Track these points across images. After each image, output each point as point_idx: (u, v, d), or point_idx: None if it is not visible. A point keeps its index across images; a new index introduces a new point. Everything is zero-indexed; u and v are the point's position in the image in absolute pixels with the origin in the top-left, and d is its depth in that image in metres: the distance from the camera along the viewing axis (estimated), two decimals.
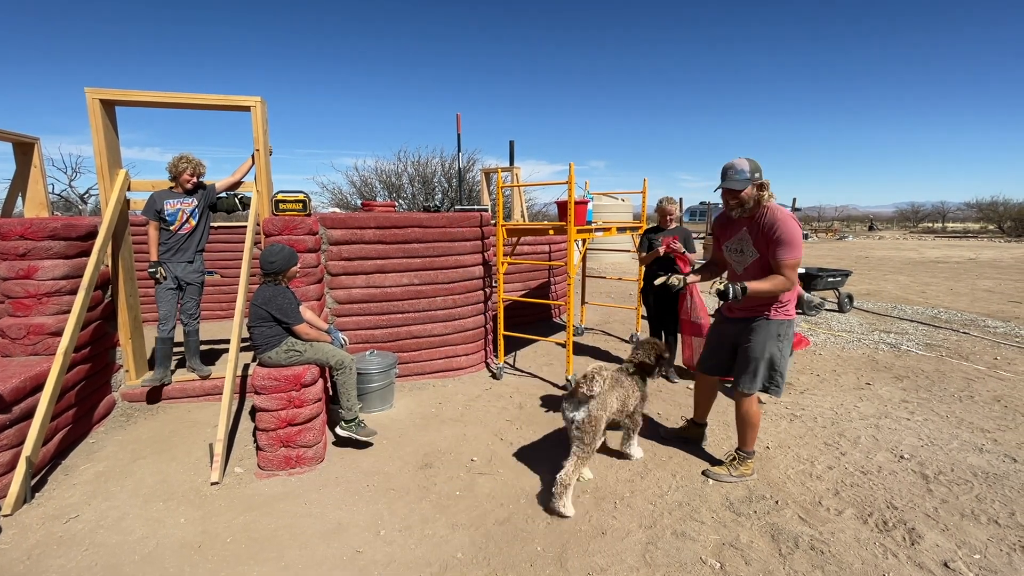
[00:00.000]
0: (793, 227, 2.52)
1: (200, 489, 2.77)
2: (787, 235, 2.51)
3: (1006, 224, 25.44)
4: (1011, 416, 3.66)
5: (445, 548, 2.31)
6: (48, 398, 2.82)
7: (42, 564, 2.19)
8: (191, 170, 3.80)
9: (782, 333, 2.71)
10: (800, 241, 2.55)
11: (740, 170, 2.57)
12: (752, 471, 2.87)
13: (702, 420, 3.29)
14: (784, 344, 2.72)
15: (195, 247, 3.92)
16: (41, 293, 3.28)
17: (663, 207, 4.50)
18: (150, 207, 3.79)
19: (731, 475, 2.84)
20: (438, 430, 3.52)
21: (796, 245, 2.53)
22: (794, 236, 2.52)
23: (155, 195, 3.82)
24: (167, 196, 3.81)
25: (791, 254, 2.53)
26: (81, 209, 16.41)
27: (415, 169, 15.08)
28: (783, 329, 2.71)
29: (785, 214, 2.55)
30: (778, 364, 2.74)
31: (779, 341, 2.71)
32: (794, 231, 2.52)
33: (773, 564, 2.18)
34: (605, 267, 13.00)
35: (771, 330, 2.70)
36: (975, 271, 11.65)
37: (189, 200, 3.86)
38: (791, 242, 2.52)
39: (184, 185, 3.82)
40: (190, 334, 3.98)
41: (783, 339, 2.72)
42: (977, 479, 2.82)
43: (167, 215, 3.78)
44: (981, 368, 4.76)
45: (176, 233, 3.83)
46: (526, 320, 6.59)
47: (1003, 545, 2.28)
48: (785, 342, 2.73)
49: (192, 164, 3.81)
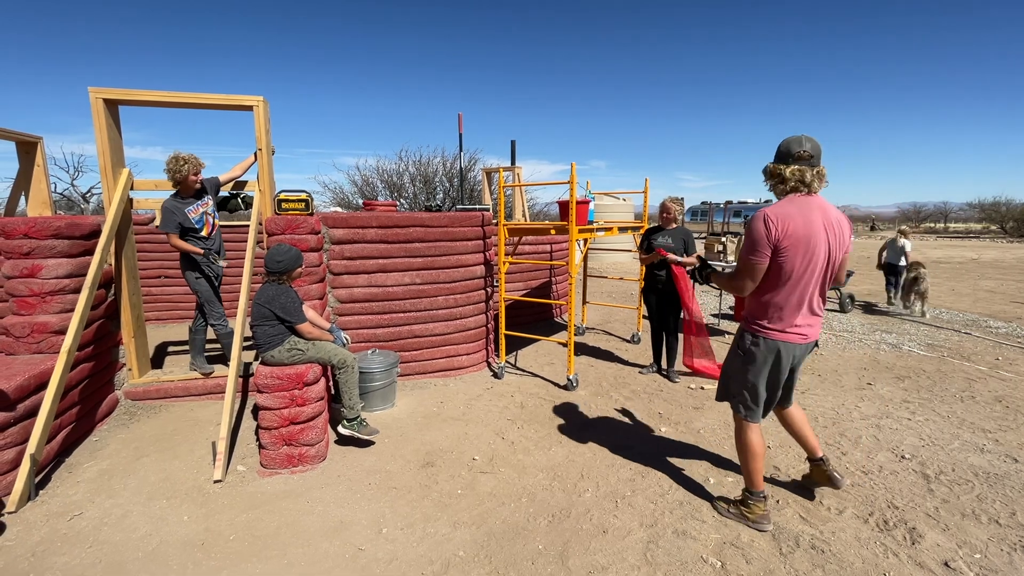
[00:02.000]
0: (755, 225, 2.17)
1: (203, 487, 2.78)
2: (747, 229, 2.23)
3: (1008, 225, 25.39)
4: (1012, 416, 3.66)
5: (447, 546, 2.32)
6: (52, 396, 2.83)
7: (46, 561, 2.20)
8: (193, 169, 3.78)
9: (741, 346, 2.38)
10: (752, 241, 2.18)
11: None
12: (758, 517, 2.41)
13: (813, 455, 2.66)
14: (743, 360, 2.36)
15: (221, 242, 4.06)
16: (45, 292, 3.30)
17: (667, 206, 4.49)
18: (170, 221, 3.71)
19: (728, 511, 2.52)
20: (440, 429, 3.53)
21: (748, 244, 2.21)
22: (750, 233, 2.20)
23: (170, 207, 3.73)
24: (183, 205, 3.77)
25: (744, 250, 2.24)
26: (83, 208, 16.46)
27: (417, 169, 15.10)
28: (743, 342, 2.37)
29: (761, 212, 2.20)
30: (730, 378, 2.44)
31: (737, 352, 2.40)
32: (753, 228, 2.18)
33: (774, 563, 2.19)
34: (606, 267, 13.01)
35: (736, 339, 2.45)
36: (977, 271, 11.64)
37: (205, 200, 3.90)
38: (745, 237, 2.24)
39: (192, 187, 3.82)
40: (197, 331, 4.01)
41: (741, 353, 2.38)
42: (978, 479, 2.82)
43: (195, 223, 3.80)
44: (983, 368, 4.76)
45: (209, 237, 3.91)
46: (527, 320, 6.59)
47: (1004, 545, 2.28)
48: (744, 358, 2.36)
49: (191, 164, 3.75)
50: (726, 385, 2.51)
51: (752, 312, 2.34)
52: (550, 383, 4.46)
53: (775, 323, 2.26)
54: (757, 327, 2.31)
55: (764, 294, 2.26)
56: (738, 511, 2.48)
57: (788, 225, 2.11)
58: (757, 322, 2.31)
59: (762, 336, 2.29)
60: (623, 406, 3.94)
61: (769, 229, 2.12)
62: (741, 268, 2.25)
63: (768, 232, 2.13)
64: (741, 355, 2.38)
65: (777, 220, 2.12)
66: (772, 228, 2.12)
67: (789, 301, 2.22)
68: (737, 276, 2.28)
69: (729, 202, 23.02)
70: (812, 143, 2.18)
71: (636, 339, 5.84)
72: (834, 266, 2.25)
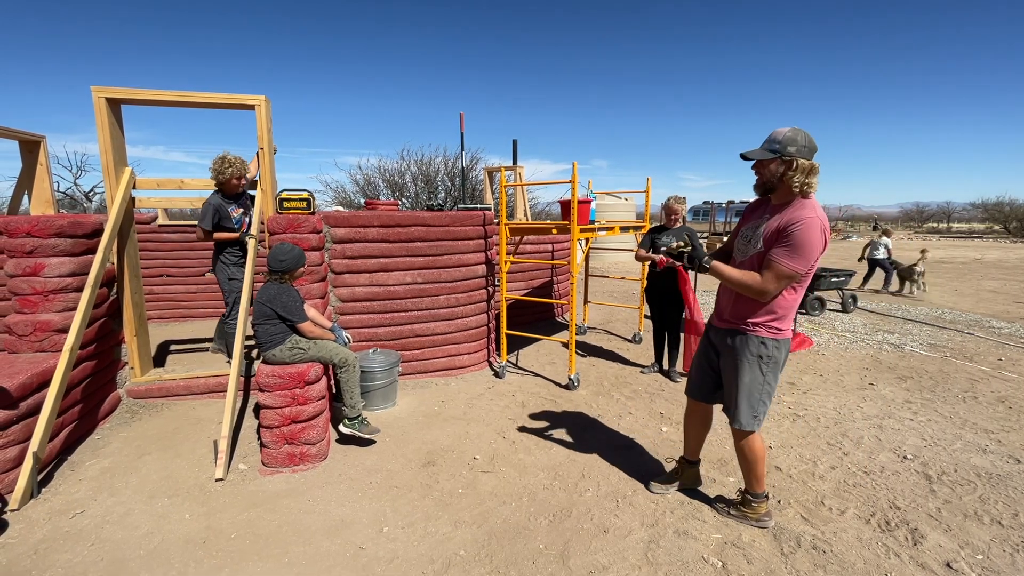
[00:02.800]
0: (813, 235, 2.00)
1: (204, 485, 2.78)
2: (799, 238, 2.00)
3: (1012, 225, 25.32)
4: (1015, 417, 3.64)
5: (448, 545, 2.32)
6: (54, 394, 2.84)
7: (48, 559, 2.21)
8: (237, 173, 3.90)
9: (764, 355, 2.20)
10: (812, 254, 2.02)
11: (772, 139, 2.10)
12: (761, 516, 2.42)
13: (693, 457, 2.72)
14: (767, 369, 2.22)
15: None
16: (47, 290, 3.31)
17: (670, 206, 4.48)
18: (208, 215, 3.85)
19: (729, 513, 2.49)
20: (441, 428, 3.53)
21: (804, 255, 2.02)
22: (806, 243, 2.00)
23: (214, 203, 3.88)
24: (227, 203, 3.94)
25: (791, 261, 2.03)
26: (86, 207, 16.50)
27: (418, 168, 15.11)
28: (766, 350, 2.19)
29: (814, 217, 2.02)
30: (755, 394, 2.25)
31: (760, 363, 2.21)
32: (810, 239, 2.00)
33: (775, 563, 2.18)
34: (608, 266, 12.99)
35: (750, 348, 2.21)
36: (980, 271, 11.60)
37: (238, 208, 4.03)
38: (800, 248, 2.01)
39: (235, 189, 3.95)
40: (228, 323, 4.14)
41: (766, 362, 2.21)
42: (980, 480, 2.81)
43: (235, 222, 3.95)
44: (985, 369, 4.74)
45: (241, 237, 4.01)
46: (529, 319, 6.59)
47: (1006, 546, 2.27)
48: (768, 367, 2.21)
49: (236, 167, 3.89)
50: (752, 407, 2.28)
51: (769, 316, 2.19)
52: (551, 383, 4.46)
53: (789, 324, 2.23)
54: (775, 331, 2.20)
55: (788, 297, 2.17)
56: (740, 512, 2.46)
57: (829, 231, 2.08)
58: (773, 325, 2.19)
59: (782, 339, 2.21)
60: (624, 406, 3.94)
61: (825, 238, 2.05)
62: (787, 275, 2.05)
63: (824, 242, 2.05)
64: (767, 366, 2.22)
65: (828, 229, 2.07)
66: (827, 239, 2.05)
67: (797, 303, 2.23)
68: (768, 282, 2.08)
69: (731, 202, 22.99)
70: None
71: (638, 339, 5.83)
72: None
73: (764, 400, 2.27)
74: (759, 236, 2.16)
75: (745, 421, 2.29)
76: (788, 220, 2.05)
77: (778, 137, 2.07)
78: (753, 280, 2.12)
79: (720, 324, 2.38)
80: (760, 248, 2.15)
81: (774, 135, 2.10)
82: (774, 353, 2.20)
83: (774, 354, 2.21)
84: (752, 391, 2.25)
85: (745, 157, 2.16)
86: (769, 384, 2.25)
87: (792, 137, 2.05)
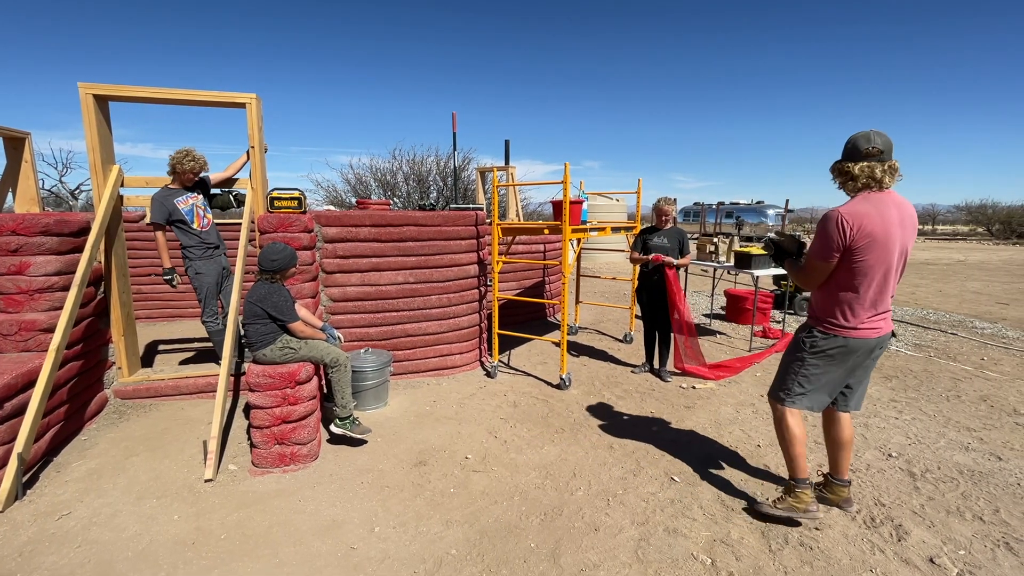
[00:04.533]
0: (827, 225, 2.17)
1: (194, 486, 2.76)
2: (818, 229, 2.24)
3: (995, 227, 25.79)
4: (996, 415, 3.72)
5: (439, 545, 2.33)
6: (40, 395, 2.80)
7: (34, 561, 2.18)
8: (195, 168, 3.86)
9: (807, 341, 2.35)
10: (823, 240, 2.18)
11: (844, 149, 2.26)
12: (807, 506, 2.40)
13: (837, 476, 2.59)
14: (806, 351, 2.34)
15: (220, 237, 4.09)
16: (33, 289, 3.26)
17: (660, 207, 4.53)
18: (159, 212, 3.79)
19: (776, 507, 2.45)
20: (432, 428, 3.53)
21: (816, 245, 2.22)
22: (820, 233, 2.21)
23: (160, 199, 3.81)
24: (173, 195, 3.84)
25: (811, 252, 2.26)
26: (72, 205, 16.26)
27: (410, 167, 15.04)
28: (811, 337, 2.34)
29: (835, 211, 2.17)
30: (789, 369, 2.41)
31: (801, 343, 2.38)
32: (824, 229, 2.18)
33: (763, 560, 2.21)
34: (599, 267, 13.04)
35: (800, 331, 2.43)
36: (964, 273, 11.80)
37: (194, 194, 3.92)
38: (817, 237, 2.23)
39: (186, 183, 3.89)
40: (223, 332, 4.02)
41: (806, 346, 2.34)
42: (963, 477, 2.87)
43: (184, 213, 3.85)
44: (968, 368, 4.83)
45: (202, 231, 3.93)
46: (521, 319, 6.60)
47: (987, 541, 2.32)
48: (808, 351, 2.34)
49: (197, 162, 3.86)
50: (781, 379, 2.46)
51: (823, 310, 2.31)
52: (543, 382, 4.47)
53: (847, 320, 2.25)
54: (828, 325, 2.29)
55: (838, 292, 2.24)
56: (786, 504, 2.44)
57: (863, 223, 2.09)
58: (829, 320, 2.29)
59: (832, 333, 2.28)
60: (615, 405, 3.96)
61: (842, 230, 2.11)
62: (807, 269, 2.29)
63: (841, 234, 2.12)
64: (806, 351, 2.34)
65: (851, 220, 2.11)
66: (846, 229, 2.11)
67: (863, 299, 2.21)
68: (802, 273, 2.35)
69: (721, 203, 23.18)
70: (882, 138, 2.16)
71: (628, 339, 5.87)
72: (905, 261, 2.26)
73: (796, 378, 2.38)
74: None
75: (772, 390, 2.48)
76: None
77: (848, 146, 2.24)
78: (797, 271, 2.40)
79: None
80: None
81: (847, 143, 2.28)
82: (820, 343, 2.31)
83: (819, 344, 2.31)
84: (789, 365, 2.41)
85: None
86: (804, 364, 2.35)
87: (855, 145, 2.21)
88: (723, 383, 4.41)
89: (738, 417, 3.71)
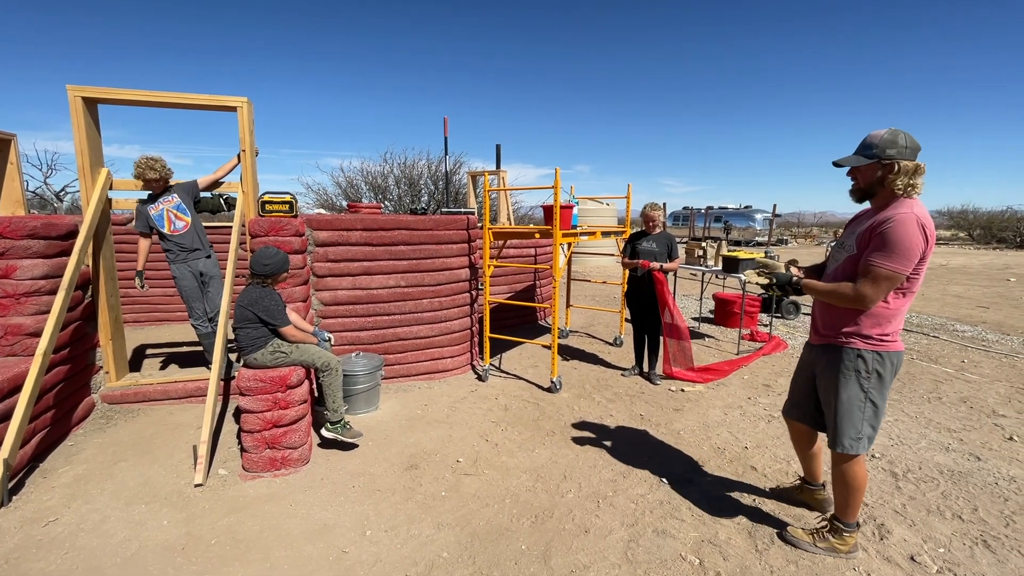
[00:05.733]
0: (908, 230, 1.87)
1: (183, 491, 2.75)
2: (894, 235, 1.89)
3: (975, 232, 26.28)
4: (976, 417, 3.81)
5: (431, 547, 2.34)
6: (26, 400, 2.77)
7: (21, 568, 2.16)
8: (156, 178, 3.82)
9: (862, 369, 2.05)
10: (909, 252, 1.88)
11: (867, 144, 2.01)
12: (851, 548, 2.25)
13: (812, 480, 2.60)
14: (869, 385, 2.06)
15: (203, 240, 4.02)
16: (20, 293, 3.23)
17: (648, 213, 4.59)
18: (139, 220, 3.86)
19: (815, 545, 2.28)
20: (424, 431, 3.54)
21: (899, 253, 1.88)
22: (901, 239, 1.87)
23: (139, 207, 3.87)
24: (146, 204, 3.87)
25: (888, 261, 1.90)
26: (57, 207, 16.01)
27: (401, 171, 15.03)
28: (864, 364, 2.05)
29: (909, 213, 1.90)
30: (855, 412, 2.08)
31: (859, 378, 2.06)
32: (905, 234, 1.87)
33: (750, 559, 2.25)
34: (590, 270, 13.11)
35: (845, 362, 2.08)
36: (945, 277, 12.03)
37: (169, 198, 3.88)
38: (895, 245, 1.88)
39: (155, 190, 3.89)
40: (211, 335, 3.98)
41: (865, 377, 2.06)
42: (943, 477, 2.94)
43: (155, 219, 3.84)
44: (949, 371, 4.94)
45: (173, 234, 3.88)
46: (512, 322, 6.63)
47: (966, 539, 2.39)
48: (870, 383, 2.06)
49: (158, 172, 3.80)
50: (854, 426, 2.11)
51: (873, 325, 2.03)
52: (534, 385, 4.50)
53: (894, 333, 2.06)
54: (879, 342, 2.04)
55: (892, 304, 2.01)
56: (827, 543, 2.27)
57: (933, 229, 1.93)
58: (880, 336, 2.04)
59: (885, 351, 2.05)
60: (606, 408, 4.00)
61: (927, 237, 1.90)
62: (885, 276, 1.92)
63: (925, 241, 1.90)
64: (863, 379, 2.07)
65: (927, 222, 1.91)
66: (928, 235, 1.90)
67: (905, 309, 2.05)
68: (864, 287, 1.96)
69: (710, 207, 23.41)
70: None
71: (618, 342, 5.92)
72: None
73: (867, 419, 2.09)
74: (853, 240, 2.07)
75: (847, 443, 2.11)
76: (881, 218, 1.95)
77: (874, 141, 1.99)
78: (846, 288, 2.01)
79: (816, 340, 2.26)
80: (853, 251, 2.06)
81: (869, 139, 2.02)
82: (875, 366, 2.05)
83: (875, 367, 2.05)
84: (852, 409, 2.09)
85: (838, 164, 2.09)
86: (873, 402, 2.08)
87: (891, 140, 1.96)
88: (711, 386, 4.47)
89: (726, 420, 3.76)
